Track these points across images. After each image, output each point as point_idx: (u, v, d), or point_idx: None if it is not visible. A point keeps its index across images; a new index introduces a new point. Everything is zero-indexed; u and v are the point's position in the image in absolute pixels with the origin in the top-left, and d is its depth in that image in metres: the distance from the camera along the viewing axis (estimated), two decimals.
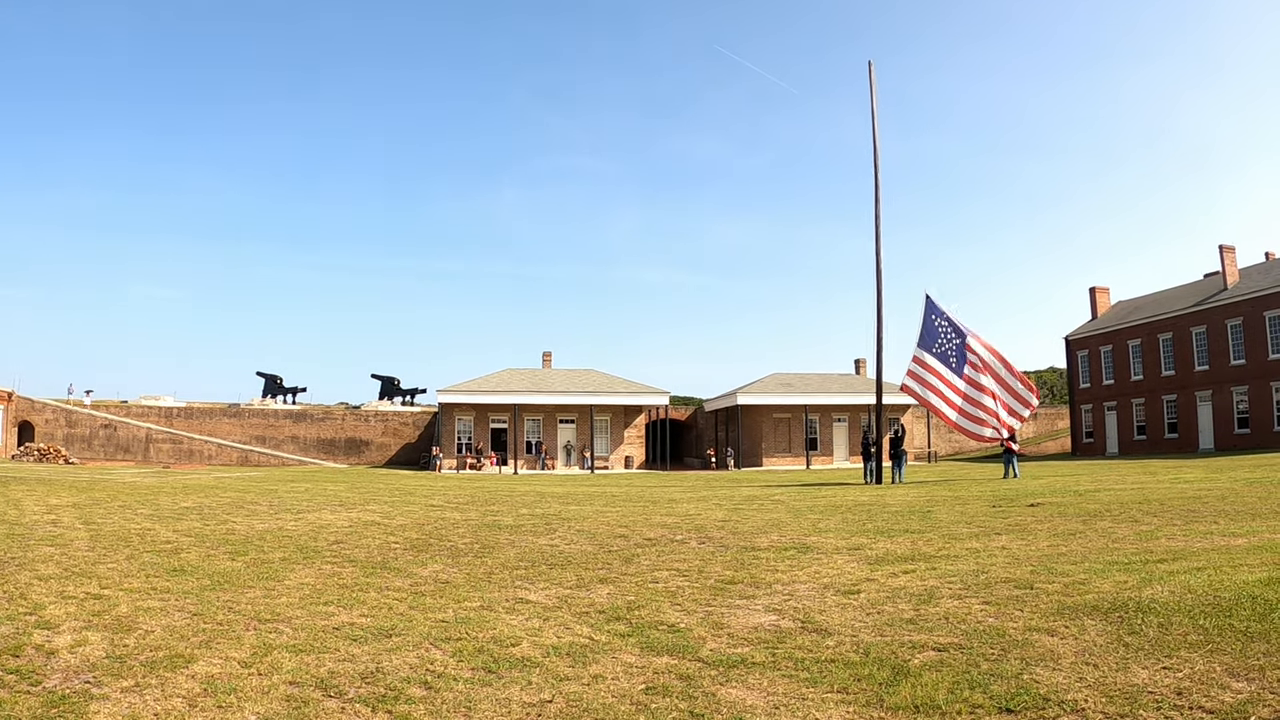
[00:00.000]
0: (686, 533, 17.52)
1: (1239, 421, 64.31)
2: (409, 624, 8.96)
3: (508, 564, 13.40)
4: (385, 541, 16.40)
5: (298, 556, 14.21)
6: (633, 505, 25.77)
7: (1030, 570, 11.43)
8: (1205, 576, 9.98)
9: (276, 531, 17.93)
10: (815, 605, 9.68)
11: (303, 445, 78.62)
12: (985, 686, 6.48)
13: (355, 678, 7.06)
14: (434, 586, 11.38)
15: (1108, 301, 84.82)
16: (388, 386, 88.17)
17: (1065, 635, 7.81)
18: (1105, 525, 16.39)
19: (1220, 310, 66.08)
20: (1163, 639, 7.47)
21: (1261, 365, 62.49)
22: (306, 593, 10.86)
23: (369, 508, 24.53)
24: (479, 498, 29.76)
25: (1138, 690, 6.24)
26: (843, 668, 7.12)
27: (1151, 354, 72.50)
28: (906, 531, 16.76)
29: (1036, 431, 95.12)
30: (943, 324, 38.83)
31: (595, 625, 8.88)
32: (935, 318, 39.11)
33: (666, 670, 7.20)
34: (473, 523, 19.99)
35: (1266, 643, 7.14)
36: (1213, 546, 12.76)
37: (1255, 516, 16.51)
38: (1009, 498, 24.09)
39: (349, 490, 34.28)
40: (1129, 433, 74.38)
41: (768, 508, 23.79)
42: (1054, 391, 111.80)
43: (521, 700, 6.47)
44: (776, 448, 75.19)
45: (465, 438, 71.22)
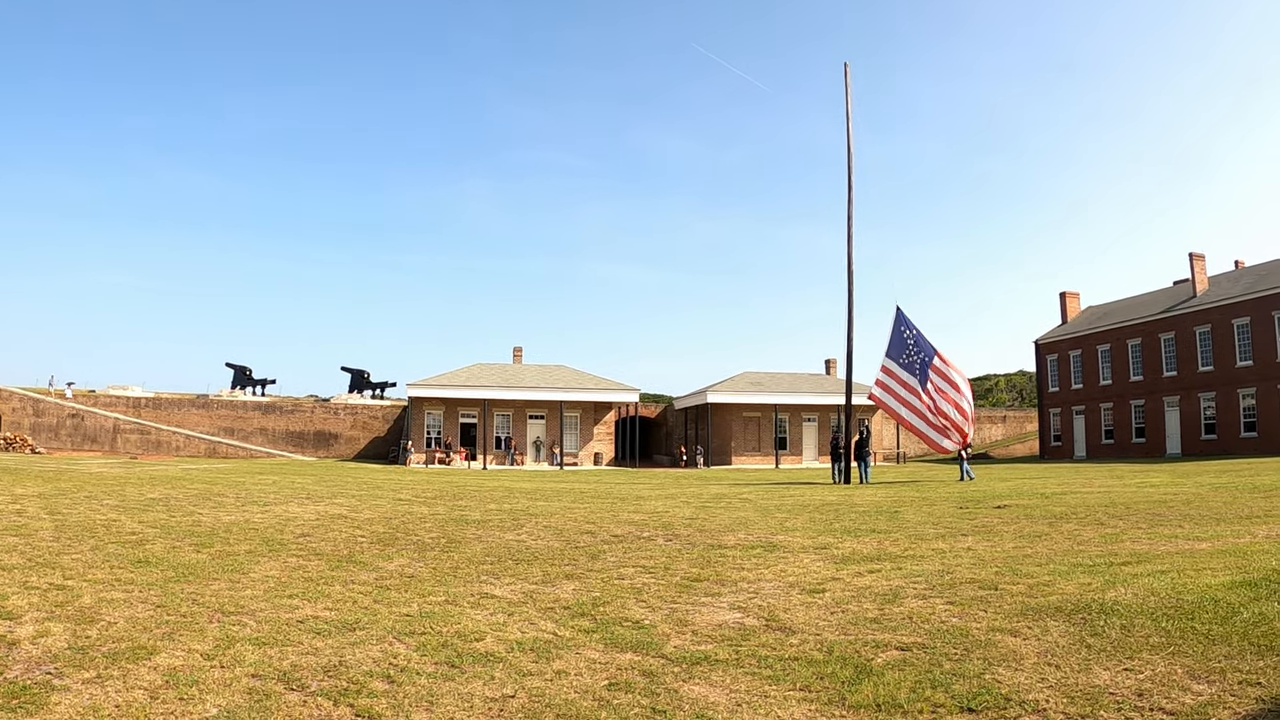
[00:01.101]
0: (654, 530, 17.53)
1: (1206, 427, 64.82)
2: (373, 618, 8.94)
3: (474, 559, 13.38)
4: (352, 535, 16.36)
5: (263, 549, 14.15)
6: (601, 502, 25.78)
7: (995, 571, 11.47)
8: (1169, 579, 10.02)
9: (243, 524, 17.86)
10: (780, 603, 9.69)
11: (271, 437, 78.31)
12: (947, 686, 6.50)
13: (318, 671, 7.03)
14: (399, 581, 11.36)
15: (1078, 306, 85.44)
16: (358, 380, 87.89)
17: (1028, 636, 7.84)
18: (1071, 528, 16.47)
19: (1189, 317, 66.61)
20: (1125, 641, 7.51)
21: (1229, 372, 63.02)
22: (271, 585, 10.82)
23: (336, 501, 24.47)
24: (447, 493, 29.73)
25: (1099, 691, 6.27)
26: (805, 666, 7.13)
27: (1120, 359, 73.03)
28: (873, 531, 16.81)
29: (1005, 434, 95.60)
30: (911, 336, 39.17)
31: (560, 621, 8.87)
32: (905, 330, 39.47)
33: (630, 667, 7.20)
34: (440, 517, 19.96)
35: (1228, 645, 7.18)
36: (1177, 550, 12.83)
37: (1220, 521, 16.61)
38: (976, 499, 24.20)
39: (317, 483, 34.16)
40: (1097, 437, 74.87)
41: (735, 506, 23.84)
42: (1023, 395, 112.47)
43: (484, 695, 6.45)
44: (746, 446, 75.36)
45: (435, 432, 71.18)
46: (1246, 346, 62.24)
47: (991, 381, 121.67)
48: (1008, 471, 49.10)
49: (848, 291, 41.09)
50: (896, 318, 40.02)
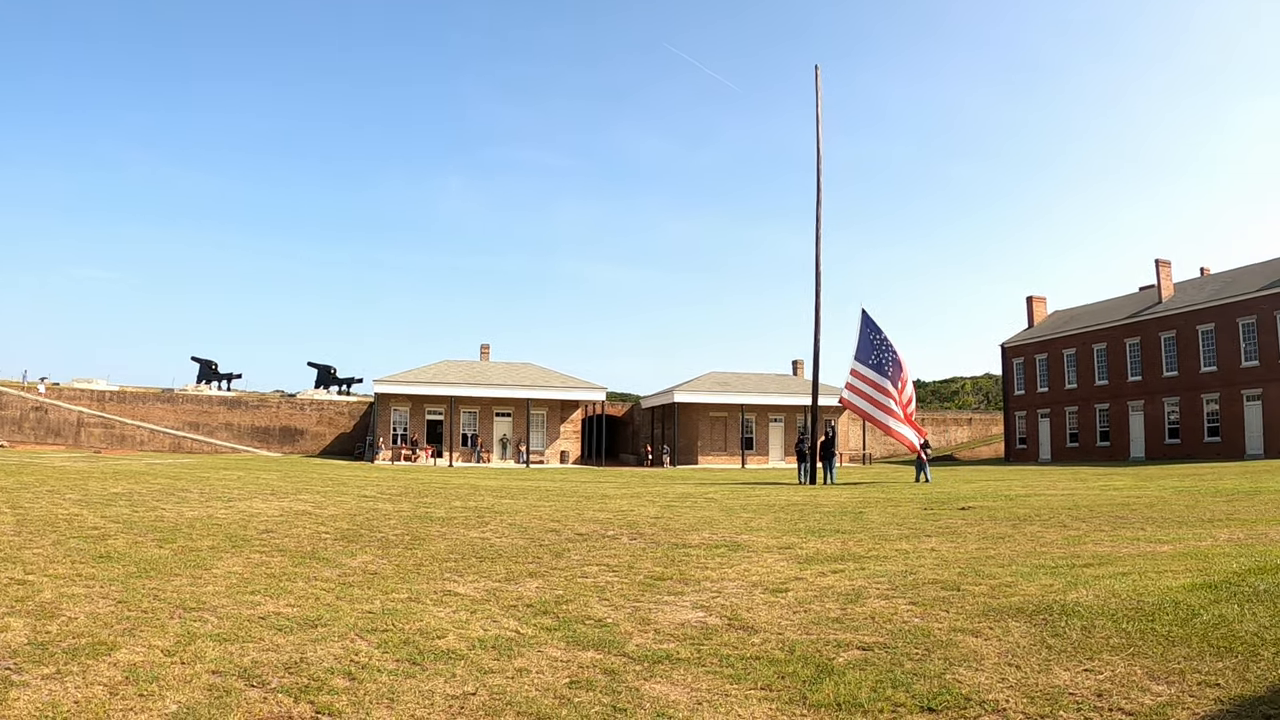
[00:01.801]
0: (618, 529, 17.53)
1: (1170, 432, 65.33)
2: (335, 614, 8.91)
3: (437, 556, 13.36)
4: (315, 531, 16.32)
5: (226, 545, 14.11)
6: (566, 500, 25.77)
7: (958, 572, 11.51)
8: (1130, 581, 10.08)
9: (206, 519, 17.79)
10: (743, 603, 9.70)
11: (237, 433, 78.03)
12: (908, 685, 6.51)
13: (279, 668, 7.00)
14: (362, 577, 11.33)
15: (1044, 310, 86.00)
16: (324, 375, 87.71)
17: (989, 636, 7.87)
18: (1034, 529, 16.55)
19: (1154, 323, 67.17)
20: (1085, 641, 7.54)
21: (1193, 378, 63.54)
22: (233, 581, 10.78)
23: (301, 497, 24.41)
24: (412, 489, 29.70)
25: (1059, 691, 6.30)
26: (767, 665, 7.14)
27: (1086, 363, 73.57)
28: (837, 532, 16.84)
29: (971, 436, 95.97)
30: (878, 339, 39.34)
31: (522, 619, 8.86)
32: (871, 332, 39.60)
33: (591, 665, 7.19)
34: (404, 514, 19.92)
35: (1187, 647, 7.23)
36: (1139, 552, 12.90)
37: (1181, 524, 16.72)
38: (941, 501, 24.28)
39: (281, 479, 34.08)
40: (1062, 440, 75.36)
41: (701, 505, 23.87)
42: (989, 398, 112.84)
43: (445, 692, 6.43)
44: (712, 446, 75.46)
45: (401, 429, 71.04)
46: (1211, 353, 62.77)
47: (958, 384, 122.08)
48: (973, 473, 49.30)
49: (815, 294, 41.19)
50: (863, 321, 40.13)
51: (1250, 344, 60.32)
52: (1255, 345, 59.98)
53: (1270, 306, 59.09)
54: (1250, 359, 60.27)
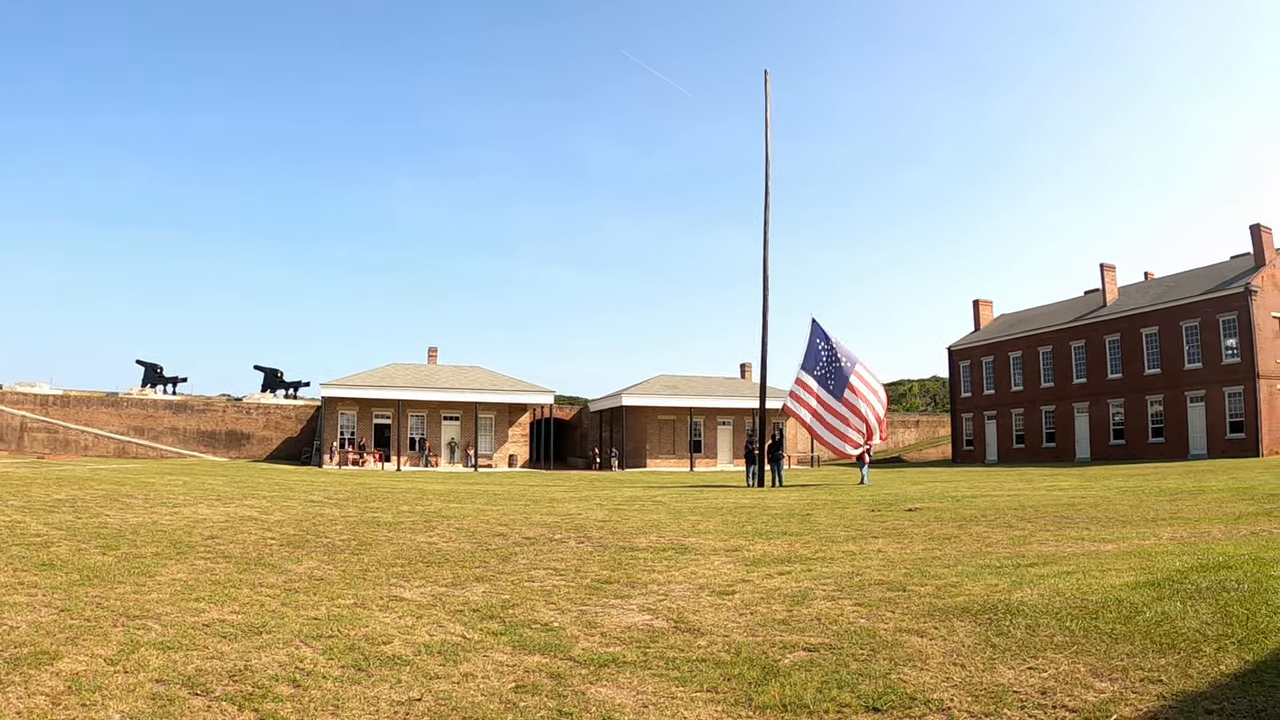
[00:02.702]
0: (566, 532, 17.51)
1: (1115, 433, 66.03)
2: (280, 621, 8.85)
3: (384, 561, 13.30)
4: (261, 537, 16.20)
5: (171, 551, 13.98)
6: (514, 504, 25.73)
7: (904, 573, 11.56)
8: (1074, 580, 10.16)
9: (151, 525, 17.64)
10: (689, 605, 9.71)
11: (182, 437, 77.38)
12: (853, 686, 6.53)
13: (223, 675, 6.94)
14: (308, 583, 11.26)
15: (991, 314, 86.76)
16: (271, 379, 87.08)
17: (934, 636, 7.91)
18: (980, 530, 16.66)
19: (1099, 326, 67.93)
20: (1030, 640, 7.60)
21: (1137, 380, 64.26)
22: (178, 589, 10.68)
23: (247, 502, 24.24)
24: (360, 494, 29.55)
25: (1003, 690, 6.34)
26: (713, 667, 7.15)
27: (1032, 366, 74.27)
28: (785, 534, 16.88)
29: (918, 438, 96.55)
30: (826, 348, 39.40)
31: (469, 623, 8.83)
32: (820, 342, 39.68)
33: (537, 669, 7.17)
34: (351, 519, 19.82)
35: (1130, 644, 7.30)
36: (1083, 551, 13.02)
37: (1125, 523, 16.88)
38: (888, 502, 24.40)
39: (227, 484, 33.82)
40: (1008, 441, 76.00)
41: (649, 508, 23.88)
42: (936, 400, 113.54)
43: (390, 699, 6.41)
44: (661, 449, 75.53)
45: (348, 433, 70.66)
46: (1155, 355, 63.50)
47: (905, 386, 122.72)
48: (920, 475, 49.58)
49: (763, 297, 41.24)
50: (812, 330, 40.20)
51: (1194, 346, 61.07)
52: (1198, 347, 60.73)
53: (1213, 310, 59.82)
54: (1194, 361, 61.01)
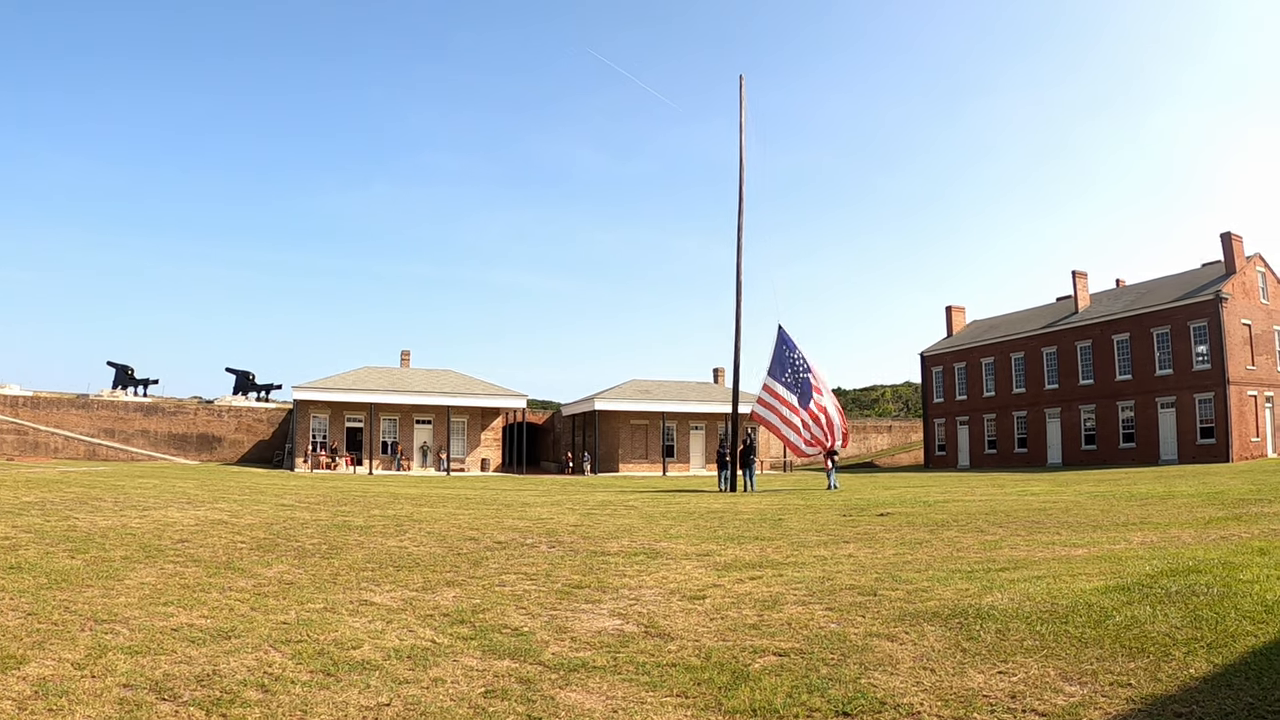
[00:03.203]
0: (537, 536, 17.50)
1: (1086, 438, 66.32)
2: (249, 625, 8.81)
3: (355, 565, 13.26)
4: (231, 541, 16.12)
5: (140, 555, 13.90)
6: (486, 508, 25.69)
7: (875, 578, 11.60)
8: (1044, 585, 10.21)
9: (120, 529, 17.54)
10: (660, 610, 9.73)
11: (154, 440, 76.90)
12: (823, 690, 6.55)
13: (191, 680, 6.91)
14: (278, 587, 11.21)
15: (963, 320, 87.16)
16: (242, 381, 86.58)
17: (905, 641, 7.94)
18: (951, 535, 16.72)
19: (1071, 332, 68.28)
20: (1000, 644, 7.64)
21: (1109, 385, 64.59)
22: (147, 593, 10.62)
23: (218, 506, 24.12)
24: (331, 498, 29.44)
25: (973, 694, 6.38)
26: (683, 672, 7.16)
27: (1004, 372, 74.57)
28: (756, 539, 16.91)
29: (891, 443, 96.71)
30: (793, 356, 39.49)
31: (439, 628, 8.81)
32: (786, 349, 39.74)
33: (507, 674, 7.16)
34: (322, 523, 19.75)
35: (1100, 648, 7.35)
36: (1054, 556, 13.08)
37: (1096, 528, 16.96)
38: (860, 507, 24.46)
39: (198, 488, 33.66)
40: (980, 446, 76.23)
41: (621, 513, 23.88)
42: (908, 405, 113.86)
43: (359, 703, 6.39)
44: (633, 454, 75.41)
45: (320, 436, 70.26)
46: (1126, 361, 63.85)
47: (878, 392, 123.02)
48: (892, 480, 49.68)
49: (736, 302, 41.33)
50: (779, 337, 40.26)
51: (1165, 353, 61.40)
52: (1169, 354, 61.07)
53: (1184, 316, 60.14)
54: (1164, 367, 61.34)
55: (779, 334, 40.19)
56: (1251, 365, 59.59)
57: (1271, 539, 13.83)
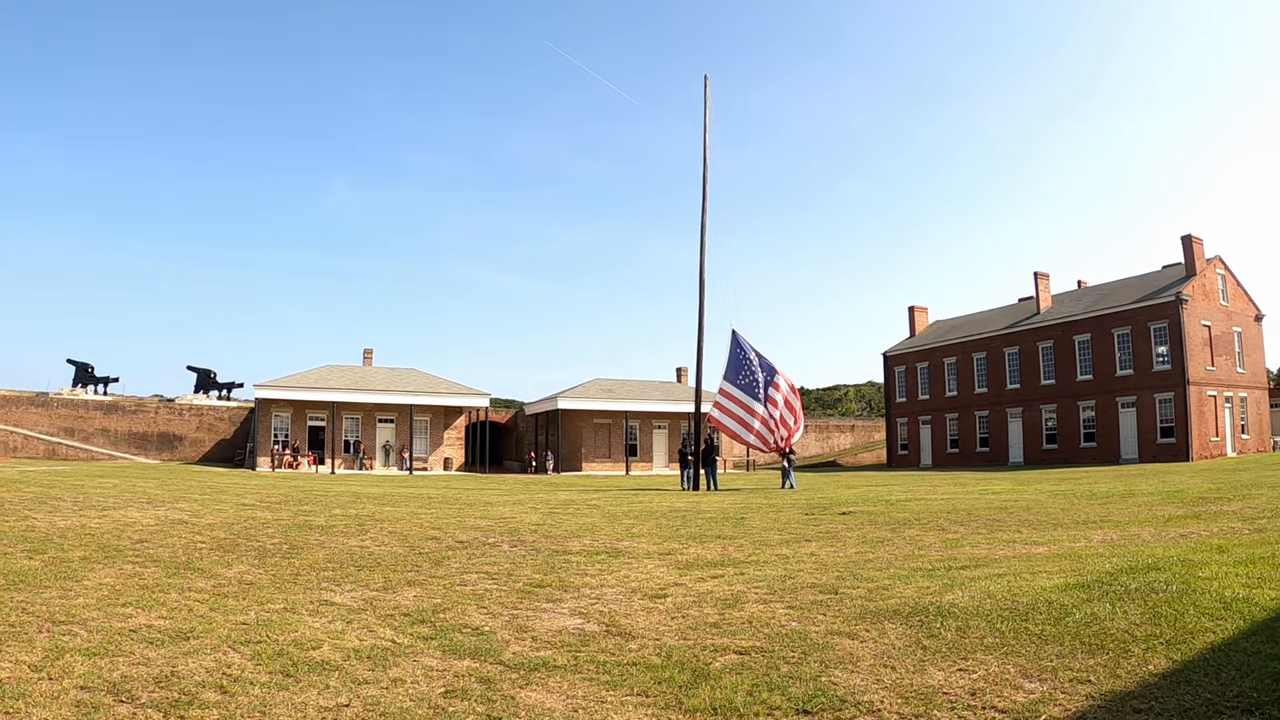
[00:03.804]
0: (500, 536, 17.46)
1: (1047, 437, 66.84)
2: (209, 626, 8.75)
3: (315, 565, 13.19)
4: (191, 541, 16.01)
5: (99, 556, 13.78)
6: (448, 507, 25.63)
7: (836, 576, 11.62)
8: (1005, 582, 10.27)
9: (79, 529, 17.40)
10: (621, 609, 9.72)
11: (114, 439, 76.40)
12: (784, 688, 6.56)
13: (149, 682, 6.85)
14: (238, 588, 11.14)
15: (926, 320, 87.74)
16: (204, 380, 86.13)
17: (866, 639, 7.96)
18: (913, 533, 16.78)
19: (1033, 333, 68.82)
20: (960, 642, 7.67)
21: (1070, 385, 65.13)
22: (105, 593, 10.53)
23: (178, 506, 23.97)
24: (293, 497, 29.31)
25: (933, 691, 6.40)
26: (644, 671, 7.15)
27: (966, 372, 75.08)
28: (719, 538, 16.91)
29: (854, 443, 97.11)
30: (747, 359, 39.60)
31: (399, 628, 8.78)
32: (740, 352, 39.85)
33: (467, 674, 7.14)
34: (283, 523, 19.64)
35: (1060, 645, 7.39)
36: (1014, 554, 13.16)
37: (1057, 526, 17.08)
38: (822, 506, 24.53)
39: (159, 487, 33.46)
40: (942, 446, 76.69)
41: (583, 512, 23.86)
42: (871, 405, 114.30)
43: (318, 704, 6.35)
44: (596, 453, 75.50)
45: (282, 435, 70.00)
46: (1087, 361, 64.39)
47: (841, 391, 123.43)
48: (854, 479, 49.88)
49: (699, 301, 41.45)
50: (733, 341, 40.37)
51: (1125, 353, 61.95)
52: (1130, 355, 61.63)
53: (1145, 318, 60.69)
54: (1125, 368, 61.90)
55: (733, 338, 40.32)
56: (1211, 366, 60.17)
57: (1230, 537, 13.97)
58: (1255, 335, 66.43)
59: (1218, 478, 33.25)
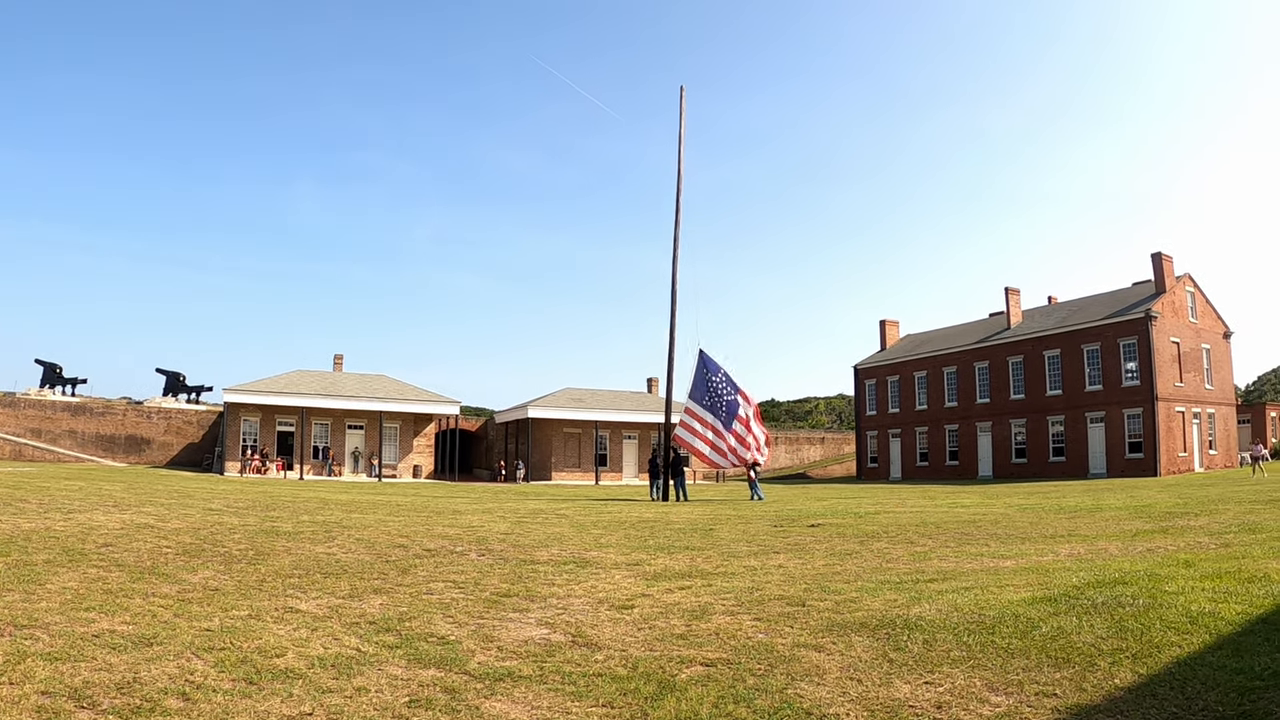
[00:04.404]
0: (467, 544, 17.41)
1: (1017, 451, 67.14)
2: (172, 632, 8.69)
3: (281, 572, 13.12)
4: (157, 545, 15.90)
5: (63, 559, 13.67)
6: (416, 515, 25.54)
7: (804, 588, 11.63)
8: (972, 596, 10.30)
9: (43, 532, 17.27)
10: (588, 619, 9.69)
11: (81, 441, 75.87)
12: (749, 701, 6.55)
13: (111, 688, 6.80)
14: (202, 594, 11.07)
15: (897, 334, 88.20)
16: (173, 382, 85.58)
17: (832, 651, 7.96)
18: (881, 546, 16.80)
19: (1003, 348, 69.18)
20: (927, 655, 7.68)
21: (1039, 400, 65.48)
22: (68, 598, 10.45)
23: (144, 509, 23.80)
24: (260, 503, 29.15)
25: (899, 704, 6.41)
26: (609, 682, 7.13)
27: (936, 385, 75.43)
28: (687, 549, 16.91)
29: (824, 455, 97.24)
30: (712, 380, 39.71)
31: (364, 636, 8.73)
32: (708, 372, 39.97)
33: (432, 683, 7.10)
34: (250, 528, 19.53)
35: (1026, 658, 7.41)
36: (982, 567, 13.20)
37: (1024, 540, 17.13)
38: (790, 518, 24.53)
39: (125, 490, 33.23)
40: (912, 459, 77.01)
41: (552, 521, 23.81)
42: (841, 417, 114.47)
43: (281, 713, 6.30)
44: (566, 462, 75.41)
45: (251, 440, 69.59)
46: (1057, 376, 64.79)
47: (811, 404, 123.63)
48: (824, 491, 49.92)
49: (670, 312, 41.54)
50: (699, 360, 40.44)
51: (1094, 369, 62.37)
52: (1099, 370, 62.03)
53: (1115, 334, 61.09)
54: (1094, 383, 62.30)
55: (700, 358, 40.43)
56: (1179, 382, 60.56)
57: (1196, 551, 14.04)
58: (1224, 352, 66.96)
59: (1185, 493, 33.45)
